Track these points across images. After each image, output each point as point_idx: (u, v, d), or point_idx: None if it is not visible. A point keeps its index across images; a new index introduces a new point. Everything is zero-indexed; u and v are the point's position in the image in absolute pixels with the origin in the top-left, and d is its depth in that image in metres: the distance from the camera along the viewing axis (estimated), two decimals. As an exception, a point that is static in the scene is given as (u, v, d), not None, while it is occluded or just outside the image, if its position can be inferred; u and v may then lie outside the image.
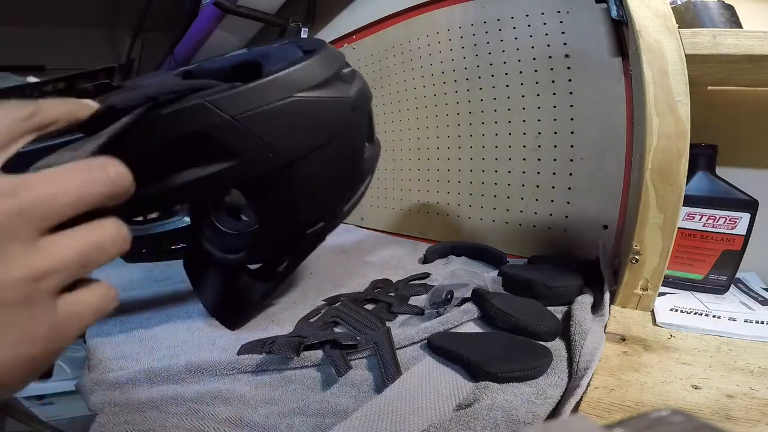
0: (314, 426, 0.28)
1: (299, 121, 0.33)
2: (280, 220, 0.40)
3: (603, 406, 0.29)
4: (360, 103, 0.39)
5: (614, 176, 0.57)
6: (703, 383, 0.31)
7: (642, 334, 0.39)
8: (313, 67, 0.34)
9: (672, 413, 0.12)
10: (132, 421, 0.29)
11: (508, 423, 0.27)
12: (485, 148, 0.72)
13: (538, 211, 0.66)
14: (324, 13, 1.07)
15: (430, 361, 0.35)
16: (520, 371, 0.32)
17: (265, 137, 0.32)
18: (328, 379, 0.34)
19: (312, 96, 0.34)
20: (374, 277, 0.58)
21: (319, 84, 0.34)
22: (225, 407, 0.30)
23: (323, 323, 0.44)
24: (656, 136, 0.40)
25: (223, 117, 0.30)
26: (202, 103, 0.29)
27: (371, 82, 0.92)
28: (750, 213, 0.44)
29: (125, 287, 0.55)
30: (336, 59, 0.38)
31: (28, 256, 0.16)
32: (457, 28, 0.73)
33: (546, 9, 0.61)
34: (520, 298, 0.44)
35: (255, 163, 0.32)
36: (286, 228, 0.41)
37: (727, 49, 0.39)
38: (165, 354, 0.38)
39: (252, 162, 0.32)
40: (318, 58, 0.35)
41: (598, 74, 0.58)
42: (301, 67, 0.33)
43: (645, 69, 0.40)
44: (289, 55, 0.36)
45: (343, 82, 0.38)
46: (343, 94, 0.37)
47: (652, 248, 0.42)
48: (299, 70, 0.33)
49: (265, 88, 0.31)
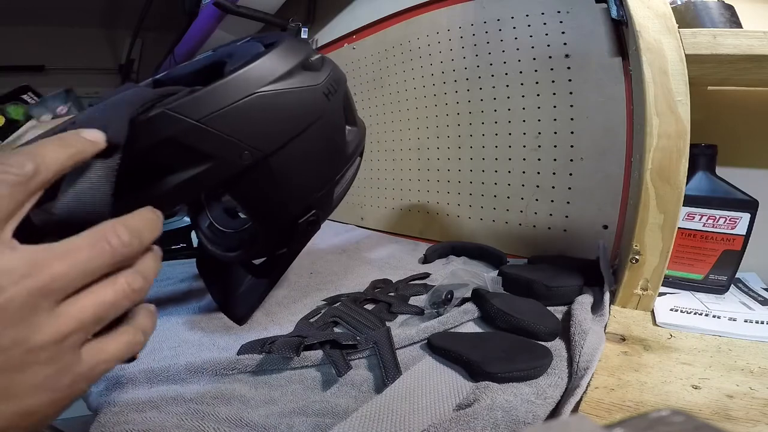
0: (314, 426, 0.28)
1: (267, 115, 0.34)
2: (269, 214, 0.40)
3: (603, 406, 0.29)
4: (332, 88, 0.39)
5: (614, 176, 0.57)
6: (703, 383, 0.31)
7: (642, 334, 0.39)
8: (272, 61, 0.35)
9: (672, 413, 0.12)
10: (132, 421, 0.29)
11: (508, 423, 0.27)
12: (485, 148, 0.72)
13: (538, 211, 0.66)
14: (324, 13, 1.07)
15: (430, 361, 0.35)
16: (520, 371, 0.32)
17: (236, 136, 0.32)
18: (328, 379, 0.34)
19: (276, 89, 0.34)
20: (374, 277, 0.58)
21: (282, 76, 0.35)
22: (225, 407, 0.30)
23: (323, 323, 0.44)
24: (656, 136, 0.40)
25: (188, 122, 0.30)
26: (163, 112, 0.29)
27: (371, 82, 0.92)
28: (750, 213, 0.44)
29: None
30: (299, 49, 0.38)
31: (51, 323, 0.19)
32: (457, 28, 0.73)
33: (546, 9, 0.62)
34: (520, 298, 0.44)
35: (231, 161, 0.33)
36: (277, 221, 0.41)
37: (727, 49, 0.39)
38: (165, 354, 0.38)
39: (228, 161, 0.32)
40: (277, 51, 0.35)
41: (598, 74, 0.58)
42: (260, 63, 0.34)
43: (645, 69, 0.40)
44: (251, 51, 0.36)
45: (310, 71, 0.38)
46: (312, 82, 0.37)
47: (652, 248, 0.42)
48: (258, 65, 0.34)
49: (226, 88, 0.32)
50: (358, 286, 0.55)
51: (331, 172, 0.43)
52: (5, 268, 0.18)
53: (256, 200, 0.38)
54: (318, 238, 0.49)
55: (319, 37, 1.09)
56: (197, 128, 0.30)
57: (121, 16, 1.84)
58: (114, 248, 0.21)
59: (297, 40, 0.40)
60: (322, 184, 0.42)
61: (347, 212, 1.03)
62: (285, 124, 0.35)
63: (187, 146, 0.30)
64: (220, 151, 0.32)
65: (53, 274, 0.19)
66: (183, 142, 0.30)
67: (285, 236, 0.43)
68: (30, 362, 0.18)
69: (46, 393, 0.19)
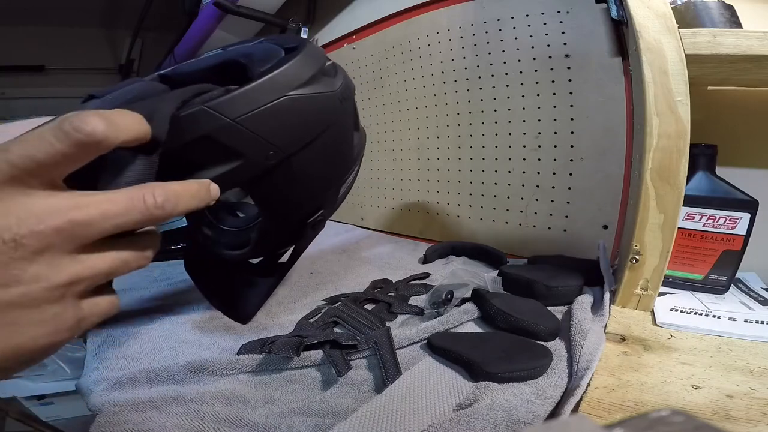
0: (314, 426, 0.28)
1: (294, 118, 0.35)
2: (284, 214, 0.41)
3: (603, 406, 0.29)
4: (346, 94, 0.41)
5: (614, 176, 0.57)
6: (703, 383, 0.31)
7: (642, 334, 0.39)
8: (300, 65, 0.36)
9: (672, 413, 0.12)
10: (132, 421, 0.29)
11: (508, 423, 0.27)
12: (485, 148, 0.72)
13: (538, 211, 0.66)
14: (324, 13, 1.07)
15: (430, 361, 0.35)
16: (520, 371, 0.32)
17: (265, 136, 0.33)
18: (328, 379, 0.34)
19: (303, 93, 0.35)
20: (374, 277, 0.58)
21: (308, 81, 0.36)
22: (225, 407, 0.30)
23: (323, 323, 0.44)
24: (656, 136, 0.40)
25: (225, 120, 0.31)
26: (202, 109, 0.30)
27: (371, 82, 0.92)
28: (750, 213, 0.44)
29: (126, 287, 0.55)
30: (319, 55, 0.39)
31: (71, 266, 0.20)
32: (457, 28, 0.73)
33: (546, 9, 0.61)
34: (520, 298, 0.44)
35: (258, 161, 0.34)
36: (290, 220, 0.42)
37: (727, 49, 0.39)
38: (165, 354, 0.38)
39: (255, 160, 0.34)
40: (303, 56, 0.37)
41: (598, 74, 0.58)
42: (290, 66, 0.35)
43: (645, 69, 0.40)
44: (273, 54, 0.37)
45: (328, 77, 0.39)
46: (330, 88, 0.39)
47: (652, 248, 0.42)
48: (289, 69, 0.35)
49: (260, 90, 0.33)
50: (358, 286, 0.55)
51: (340, 173, 0.45)
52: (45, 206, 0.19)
53: (275, 199, 0.39)
54: (318, 238, 0.49)
55: (319, 37, 1.09)
56: (233, 127, 0.31)
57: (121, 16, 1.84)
58: (148, 207, 0.22)
59: (316, 46, 0.41)
60: (332, 185, 0.44)
61: (347, 212, 1.03)
62: (307, 126, 0.37)
63: (221, 144, 0.31)
64: (249, 150, 0.33)
65: (87, 218, 0.20)
66: (218, 140, 0.31)
67: (294, 235, 0.45)
68: (45, 299, 0.19)
69: (47, 330, 0.20)
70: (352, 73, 0.96)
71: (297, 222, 0.43)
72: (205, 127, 0.30)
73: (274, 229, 0.43)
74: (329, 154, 0.41)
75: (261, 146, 0.33)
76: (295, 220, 0.43)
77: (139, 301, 0.52)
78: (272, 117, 0.33)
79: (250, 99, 0.32)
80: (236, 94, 0.32)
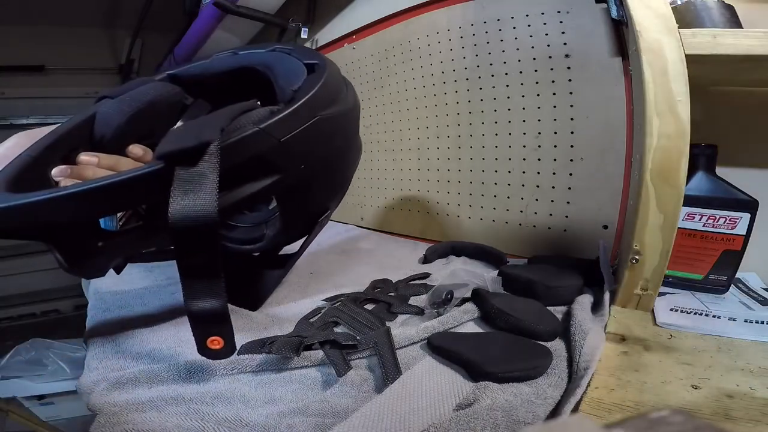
0: (314, 426, 0.28)
1: (322, 136, 0.39)
2: (302, 214, 0.46)
3: (603, 406, 0.29)
4: (356, 106, 0.45)
5: (614, 176, 0.57)
6: (703, 383, 0.31)
7: (642, 334, 0.39)
8: (327, 87, 0.40)
9: (672, 413, 0.12)
10: (132, 421, 0.29)
11: (508, 423, 0.27)
12: (485, 148, 0.72)
13: (538, 211, 0.66)
14: (324, 13, 1.07)
15: (430, 361, 0.35)
16: (520, 371, 0.32)
17: (300, 154, 0.37)
18: (328, 379, 0.34)
19: (330, 113, 0.39)
20: (374, 277, 0.58)
21: (333, 101, 0.40)
22: (225, 407, 0.30)
23: (323, 323, 0.44)
24: (656, 136, 0.40)
25: (275, 140, 0.34)
26: (259, 131, 0.33)
27: (371, 82, 0.92)
28: (750, 213, 0.44)
29: (125, 287, 0.55)
30: (337, 73, 0.43)
31: None
32: (457, 28, 0.73)
33: (546, 9, 0.61)
34: (520, 298, 0.44)
35: (293, 174, 0.38)
36: (305, 219, 0.48)
37: (727, 49, 0.39)
38: (165, 354, 0.38)
39: (291, 174, 0.37)
40: (329, 77, 0.40)
41: (598, 74, 0.58)
42: (320, 89, 0.39)
43: (645, 69, 0.40)
44: (296, 69, 0.41)
45: (343, 93, 0.43)
46: (347, 105, 0.43)
47: (652, 248, 0.42)
48: (319, 91, 0.38)
49: (300, 112, 0.36)
50: (358, 286, 0.55)
51: (348, 177, 0.51)
52: None
53: (297, 205, 0.44)
54: (318, 238, 0.49)
55: (319, 37, 1.09)
56: (280, 146, 0.35)
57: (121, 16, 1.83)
58: None
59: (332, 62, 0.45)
60: (342, 187, 0.50)
61: (347, 212, 1.03)
62: (331, 142, 0.41)
63: (268, 161, 0.35)
64: (288, 166, 0.37)
65: None
66: (267, 158, 0.35)
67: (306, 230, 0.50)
68: None
69: None
70: (352, 73, 0.96)
71: (311, 220, 0.48)
72: (260, 147, 0.33)
73: (291, 227, 0.47)
74: (342, 161, 0.46)
75: (296, 162, 0.37)
76: (309, 219, 0.48)
77: (139, 300, 0.52)
78: (307, 136, 0.37)
79: (291, 120, 0.35)
80: (283, 116, 0.35)
